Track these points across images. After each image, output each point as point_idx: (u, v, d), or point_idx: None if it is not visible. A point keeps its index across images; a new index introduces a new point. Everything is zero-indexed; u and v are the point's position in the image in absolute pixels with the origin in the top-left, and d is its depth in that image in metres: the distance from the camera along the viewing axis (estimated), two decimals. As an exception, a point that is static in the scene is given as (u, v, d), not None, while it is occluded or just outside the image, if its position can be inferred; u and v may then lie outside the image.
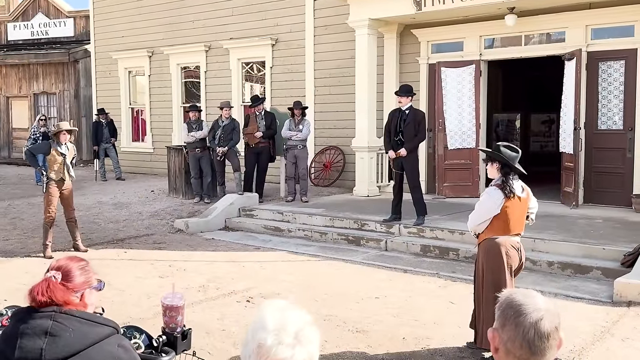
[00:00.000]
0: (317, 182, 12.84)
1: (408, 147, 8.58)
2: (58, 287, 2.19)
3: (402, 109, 8.69)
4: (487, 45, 11.28)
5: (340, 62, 12.60)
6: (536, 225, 8.48)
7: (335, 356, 4.93)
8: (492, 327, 1.76)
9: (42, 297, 2.17)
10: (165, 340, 2.64)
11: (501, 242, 4.79)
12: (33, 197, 13.17)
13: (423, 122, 8.76)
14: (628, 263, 6.84)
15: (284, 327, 1.70)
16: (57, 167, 8.36)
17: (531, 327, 1.67)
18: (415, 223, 8.80)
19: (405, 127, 8.60)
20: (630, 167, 9.82)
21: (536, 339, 1.66)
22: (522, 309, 1.69)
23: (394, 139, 8.69)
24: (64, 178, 8.41)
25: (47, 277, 2.23)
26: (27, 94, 20.29)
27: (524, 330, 1.67)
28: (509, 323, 1.69)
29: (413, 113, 8.67)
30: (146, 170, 16.32)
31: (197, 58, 15.24)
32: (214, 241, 9.55)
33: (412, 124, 8.59)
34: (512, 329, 1.68)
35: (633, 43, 9.71)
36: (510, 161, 4.81)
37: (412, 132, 8.59)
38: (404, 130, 8.60)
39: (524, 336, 1.67)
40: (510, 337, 1.68)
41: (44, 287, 2.19)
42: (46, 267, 2.35)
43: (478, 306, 4.93)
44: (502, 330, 1.71)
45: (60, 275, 2.24)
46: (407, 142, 8.58)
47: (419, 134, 8.67)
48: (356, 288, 6.87)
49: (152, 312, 5.85)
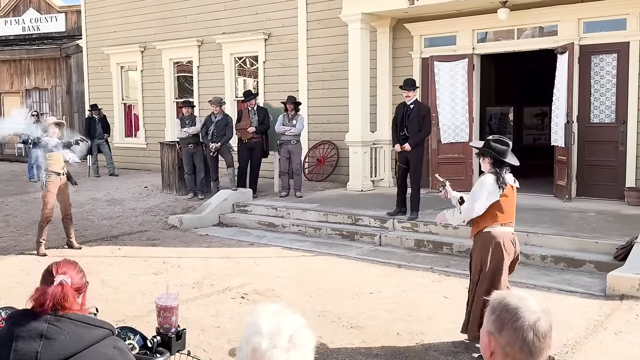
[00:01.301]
0: (311, 177, 12.84)
1: (412, 142, 8.68)
2: (71, 293, 2.19)
3: (407, 103, 8.78)
4: (480, 39, 11.29)
5: (333, 57, 12.58)
6: (529, 219, 8.55)
7: (330, 352, 4.94)
8: (487, 331, 1.76)
9: (56, 305, 2.13)
10: (159, 340, 2.63)
11: (499, 235, 4.82)
12: (26, 194, 13.12)
13: (428, 116, 8.85)
14: (621, 256, 6.87)
15: (278, 331, 1.70)
16: (56, 162, 8.33)
17: (530, 329, 1.68)
18: (409, 217, 8.85)
19: (409, 122, 8.70)
20: (623, 160, 9.86)
21: (535, 341, 1.68)
22: (519, 313, 1.70)
23: (400, 133, 8.81)
24: (64, 173, 8.39)
25: (62, 283, 2.19)
26: (19, 90, 20.19)
27: (523, 334, 1.68)
28: (507, 327, 1.70)
29: (417, 107, 8.76)
30: (139, 166, 16.28)
31: (189, 53, 15.19)
32: (208, 237, 9.54)
33: (416, 119, 8.68)
34: (511, 334, 1.69)
35: (625, 36, 9.73)
36: (500, 155, 4.83)
37: (416, 127, 8.68)
38: (409, 125, 8.71)
39: (524, 339, 1.68)
40: (509, 341, 1.69)
41: (59, 294, 2.15)
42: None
43: (470, 297, 4.96)
44: (499, 334, 1.71)
45: (70, 279, 2.23)
46: (411, 136, 8.68)
47: (423, 129, 8.74)
48: (350, 283, 6.88)
49: (146, 310, 5.85)
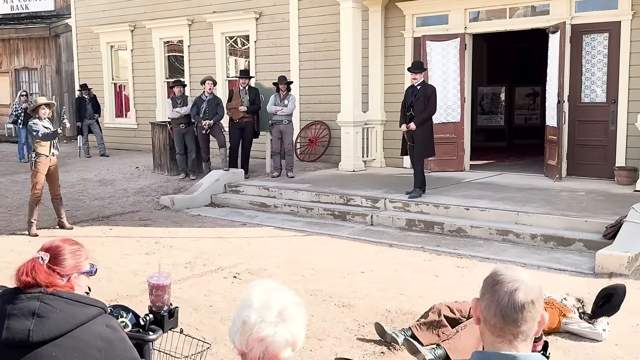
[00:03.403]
0: (303, 158, 12.84)
1: (417, 121, 8.83)
2: (42, 269, 2.19)
3: (414, 85, 8.94)
4: (472, 18, 11.24)
5: (325, 36, 12.51)
6: (520, 198, 8.61)
7: (322, 330, 4.99)
8: (476, 298, 1.81)
9: (25, 278, 2.17)
10: (152, 318, 2.65)
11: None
12: (17, 174, 13.06)
13: (433, 96, 8.96)
14: (610, 235, 6.94)
15: (267, 306, 1.73)
16: (45, 144, 8.28)
17: (506, 295, 1.72)
18: (410, 195, 8.91)
19: (415, 101, 8.90)
20: (613, 140, 9.91)
21: (510, 308, 1.71)
22: (501, 279, 1.75)
23: (407, 114, 9.00)
24: (54, 153, 8.35)
25: (34, 258, 2.22)
26: (7, 70, 19.97)
27: (498, 298, 1.73)
28: (487, 291, 1.75)
29: (423, 88, 8.92)
30: (130, 147, 16.20)
31: (180, 32, 15.06)
32: (200, 217, 9.55)
33: (421, 99, 8.85)
34: (489, 297, 1.75)
35: (617, 15, 9.72)
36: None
37: (421, 107, 8.85)
38: (414, 105, 8.91)
39: (498, 303, 1.72)
40: (487, 304, 1.75)
41: (29, 267, 2.19)
42: (32, 245, 2.35)
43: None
44: (482, 298, 1.77)
45: (48, 256, 2.23)
46: (416, 116, 8.86)
47: (428, 108, 8.90)
48: (342, 263, 6.92)
49: (139, 290, 5.88)
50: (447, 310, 4.77)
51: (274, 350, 1.72)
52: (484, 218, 8.07)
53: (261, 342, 1.71)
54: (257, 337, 1.72)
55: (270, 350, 1.72)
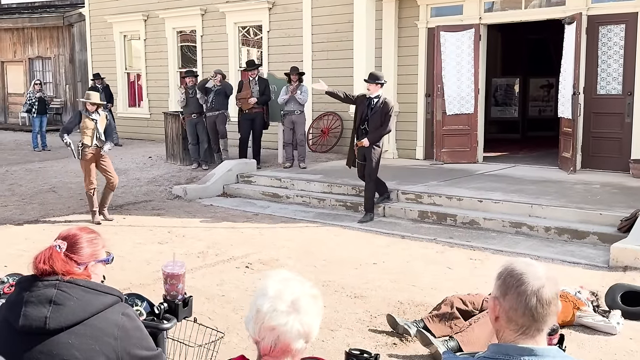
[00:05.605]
0: (315, 149, 12.82)
1: (371, 138, 8.13)
2: (59, 257, 2.20)
3: (370, 96, 8.20)
4: (487, 8, 11.14)
5: (338, 27, 12.45)
6: (534, 191, 8.55)
7: (334, 321, 4.99)
8: (493, 296, 1.80)
9: (43, 265, 2.18)
10: (166, 307, 2.65)
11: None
12: (30, 163, 13.15)
13: (390, 114, 8.22)
14: (625, 228, 6.88)
15: (280, 295, 1.73)
16: (89, 133, 8.34)
17: (533, 295, 1.72)
18: (360, 220, 8.33)
19: (371, 115, 8.15)
20: (629, 132, 9.81)
21: (538, 307, 1.73)
22: (524, 278, 1.74)
23: (360, 127, 8.29)
24: (98, 145, 8.39)
25: (52, 246, 2.24)
26: (22, 59, 20.10)
27: (526, 299, 1.73)
28: (510, 292, 1.75)
29: (383, 104, 8.14)
30: (143, 136, 16.26)
31: (193, 22, 15.05)
32: (212, 207, 9.57)
33: (378, 114, 8.11)
34: (515, 298, 1.74)
35: (634, 7, 9.60)
36: None
37: (377, 123, 8.12)
38: (370, 119, 8.16)
39: (527, 304, 1.73)
40: (513, 305, 1.74)
41: (46, 255, 2.21)
42: (45, 233, 2.36)
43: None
44: (503, 299, 1.76)
45: (65, 245, 2.24)
46: (371, 132, 8.20)
47: (384, 125, 8.16)
48: (354, 254, 6.92)
49: (152, 278, 5.90)
50: (460, 302, 4.76)
51: (286, 340, 1.72)
52: (497, 210, 8.02)
53: (273, 331, 1.71)
54: (269, 325, 1.72)
55: (282, 340, 1.72)
